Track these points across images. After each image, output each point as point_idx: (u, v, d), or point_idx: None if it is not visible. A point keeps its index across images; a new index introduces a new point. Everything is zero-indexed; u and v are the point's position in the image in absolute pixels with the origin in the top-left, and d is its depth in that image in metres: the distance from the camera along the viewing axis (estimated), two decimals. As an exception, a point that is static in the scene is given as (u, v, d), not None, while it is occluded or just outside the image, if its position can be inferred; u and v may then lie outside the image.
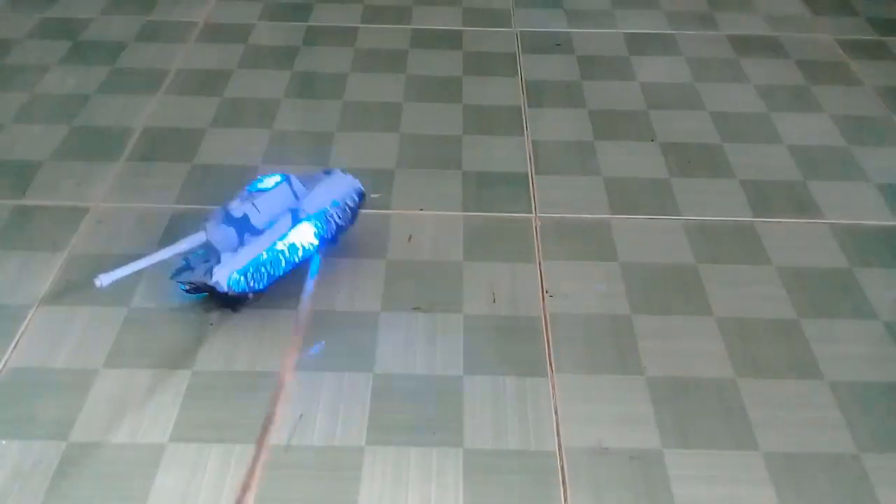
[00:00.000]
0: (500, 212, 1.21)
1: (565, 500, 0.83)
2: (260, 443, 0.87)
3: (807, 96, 1.49)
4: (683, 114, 1.43)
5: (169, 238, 1.13)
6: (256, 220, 1.00)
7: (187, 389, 0.93)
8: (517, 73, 1.54)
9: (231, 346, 0.98)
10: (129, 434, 0.88)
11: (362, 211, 1.11)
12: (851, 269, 1.12)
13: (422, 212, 1.20)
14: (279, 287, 1.04)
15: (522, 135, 1.37)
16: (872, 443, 0.89)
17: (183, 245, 0.99)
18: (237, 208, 1.00)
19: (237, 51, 1.58)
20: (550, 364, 0.97)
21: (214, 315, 1.02)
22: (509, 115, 1.42)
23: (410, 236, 1.16)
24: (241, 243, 0.99)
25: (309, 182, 1.07)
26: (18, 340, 0.98)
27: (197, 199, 1.21)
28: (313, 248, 1.04)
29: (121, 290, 1.05)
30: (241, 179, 1.24)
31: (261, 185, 1.04)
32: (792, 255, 1.14)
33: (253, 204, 1.00)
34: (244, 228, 0.99)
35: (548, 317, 1.04)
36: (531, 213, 1.21)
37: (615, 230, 1.18)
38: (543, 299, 1.06)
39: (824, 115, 1.44)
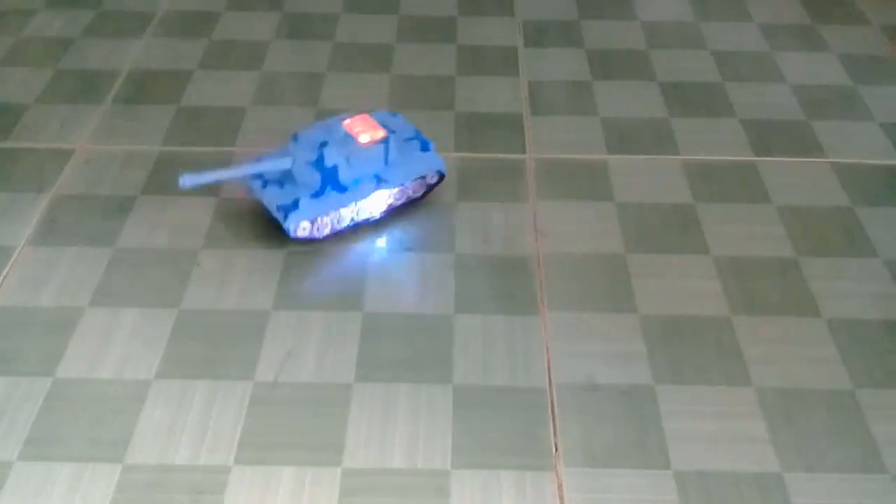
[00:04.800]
0: (493, 153, 1.18)
1: (555, 434, 0.82)
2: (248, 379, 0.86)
3: (811, 35, 1.45)
4: (684, 53, 1.39)
5: (156, 181, 1.11)
6: (344, 176, 0.98)
7: (174, 327, 0.92)
8: (514, 13, 1.49)
9: (218, 285, 0.97)
10: (115, 370, 0.87)
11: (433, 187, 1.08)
12: (853, 208, 1.09)
13: (414, 153, 1.18)
14: (271, 226, 1.03)
15: (518, 75, 1.34)
16: (868, 380, 0.87)
17: (267, 165, 0.99)
18: (330, 156, 0.97)
19: (226, -7, 1.54)
20: (542, 302, 0.96)
21: (202, 255, 1.00)
22: (505, 56, 1.38)
23: (402, 177, 1.14)
24: (321, 192, 0.97)
25: (402, 148, 1.04)
26: (4, 279, 0.97)
27: (183, 141, 1.19)
28: (379, 215, 1.04)
29: (106, 231, 1.03)
30: (230, 120, 1.22)
31: (363, 138, 1.00)
32: (792, 195, 1.11)
33: (347, 158, 0.98)
34: (329, 180, 0.98)
35: (541, 256, 1.02)
36: (525, 153, 1.18)
37: (612, 170, 1.15)
38: (536, 239, 1.04)
39: (829, 54, 1.40)
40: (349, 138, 1.00)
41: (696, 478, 0.78)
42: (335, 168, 0.97)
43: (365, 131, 1.01)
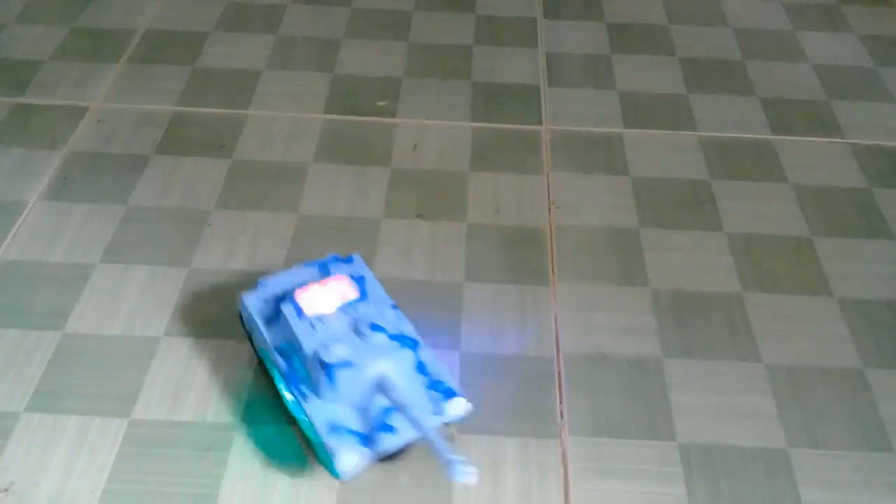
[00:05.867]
0: (509, 123, 1.17)
1: (560, 402, 0.82)
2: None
3: (834, 15, 1.42)
4: (705, 29, 1.37)
5: (169, 141, 1.11)
6: (410, 332, 0.80)
7: (183, 286, 0.92)
8: (533, -15, 1.48)
9: (228, 245, 0.97)
10: (124, 327, 0.87)
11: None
12: (870, 189, 1.08)
13: (428, 121, 1.17)
14: (281, 192, 1.02)
15: (536, 47, 1.32)
16: (878, 359, 0.87)
17: (403, 396, 0.73)
18: (394, 328, 0.77)
19: (244, -44, 1.53)
20: (553, 273, 0.95)
21: (212, 216, 1.00)
22: (523, 27, 1.37)
23: (416, 145, 1.13)
24: (421, 364, 0.78)
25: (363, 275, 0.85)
26: (15, 234, 0.97)
27: (198, 103, 1.18)
28: None
29: (118, 189, 1.03)
30: (244, 83, 1.22)
31: (346, 294, 0.80)
32: (809, 174, 1.10)
33: (393, 316, 0.79)
34: (417, 347, 0.79)
35: (553, 228, 1.01)
36: (541, 125, 1.17)
37: (627, 144, 1.14)
38: (549, 210, 1.04)
39: (852, 34, 1.38)
40: (369, 304, 0.80)
41: (700, 450, 0.78)
42: (415, 340, 0.79)
43: (339, 293, 0.80)
